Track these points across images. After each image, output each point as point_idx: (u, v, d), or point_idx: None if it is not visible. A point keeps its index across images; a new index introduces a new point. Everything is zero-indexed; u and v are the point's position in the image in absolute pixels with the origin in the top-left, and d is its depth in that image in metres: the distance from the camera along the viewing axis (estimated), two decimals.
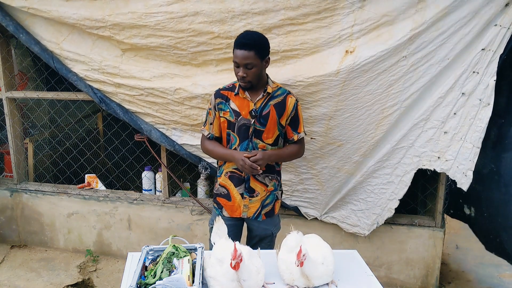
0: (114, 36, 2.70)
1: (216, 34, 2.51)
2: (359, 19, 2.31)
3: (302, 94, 2.49)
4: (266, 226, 2.33)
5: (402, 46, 2.33)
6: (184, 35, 2.56)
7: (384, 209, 2.80)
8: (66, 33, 2.88)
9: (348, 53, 2.36)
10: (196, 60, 2.66)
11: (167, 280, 1.51)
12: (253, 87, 2.13)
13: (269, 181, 2.27)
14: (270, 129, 2.18)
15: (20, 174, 3.61)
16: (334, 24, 2.35)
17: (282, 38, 2.44)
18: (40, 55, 2.99)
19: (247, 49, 2.01)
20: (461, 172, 2.52)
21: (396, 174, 2.70)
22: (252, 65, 2.04)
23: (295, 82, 2.47)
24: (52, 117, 3.99)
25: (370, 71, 2.39)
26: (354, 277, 1.81)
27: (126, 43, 2.73)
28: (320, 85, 2.43)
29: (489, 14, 2.24)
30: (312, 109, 2.55)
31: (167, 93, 2.76)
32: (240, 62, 2.04)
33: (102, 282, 3.21)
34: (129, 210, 3.41)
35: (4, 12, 2.94)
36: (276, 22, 2.41)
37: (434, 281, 3.03)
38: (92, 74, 2.93)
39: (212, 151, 2.27)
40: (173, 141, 3.01)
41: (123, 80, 2.86)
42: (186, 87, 2.71)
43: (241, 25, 2.45)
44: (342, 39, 2.37)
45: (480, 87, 2.38)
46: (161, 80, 2.78)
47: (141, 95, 2.86)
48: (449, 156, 2.54)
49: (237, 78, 2.11)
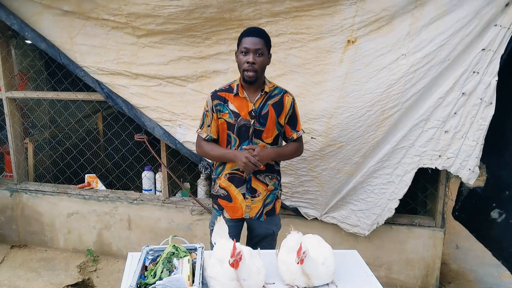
0: (131, 22, 2.74)
1: (228, 19, 2.59)
2: (360, 11, 2.38)
3: (309, 83, 2.56)
4: (267, 226, 2.33)
5: (401, 42, 2.37)
6: (198, 21, 2.63)
7: (384, 209, 2.80)
8: (79, 26, 2.92)
9: (350, 42, 2.44)
10: (210, 39, 2.71)
11: (167, 280, 1.51)
12: (255, 81, 2.11)
13: (269, 181, 2.27)
14: (269, 128, 2.17)
15: (20, 174, 3.61)
16: (337, 13, 2.43)
17: (289, 21, 2.53)
18: (47, 51, 3.02)
19: (257, 36, 2.06)
20: (467, 168, 2.54)
21: (396, 174, 2.70)
22: (261, 52, 2.06)
23: (304, 70, 2.54)
24: (52, 117, 3.99)
25: (370, 66, 2.43)
26: (354, 277, 1.81)
27: (142, 29, 2.77)
28: (325, 74, 2.52)
29: (490, 14, 2.25)
30: (315, 102, 2.58)
31: (188, 81, 2.83)
32: (250, 47, 2.04)
33: (102, 282, 3.21)
34: (129, 210, 3.41)
35: (8, 11, 2.96)
36: (282, 9, 2.49)
37: (434, 281, 3.04)
38: (105, 66, 2.96)
39: (210, 151, 2.25)
40: (175, 139, 3.02)
41: (140, 69, 2.89)
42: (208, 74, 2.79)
43: (250, 11, 2.53)
44: (344, 29, 2.44)
45: (480, 87, 2.38)
46: (178, 64, 2.84)
47: (160, 85, 2.90)
48: (451, 154, 2.56)
49: (243, 68, 2.08)
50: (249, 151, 2.10)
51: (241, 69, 2.10)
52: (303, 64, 2.57)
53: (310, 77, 2.57)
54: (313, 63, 2.55)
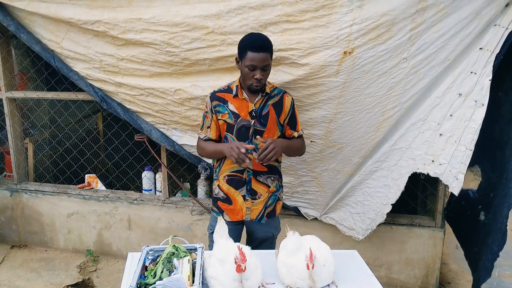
0: (109, 31, 2.66)
1: (211, 30, 2.46)
2: (358, 18, 2.24)
3: (302, 96, 2.47)
4: (267, 229, 2.33)
5: (402, 47, 2.29)
6: (179, 30, 2.51)
7: (378, 214, 2.76)
8: (64, 31, 2.86)
9: (347, 54, 2.31)
10: (189, 59, 2.60)
11: (167, 280, 1.51)
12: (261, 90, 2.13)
13: (271, 182, 2.26)
14: (270, 129, 2.17)
15: (20, 174, 3.61)
16: (332, 23, 2.28)
17: (278, 36, 2.38)
18: (41, 54, 2.98)
19: (265, 51, 2.01)
20: (453, 176, 2.47)
21: (392, 177, 2.67)
22: (269, 66, 2.06)
23: (295, 86, 2.44)
24: (52, 117, 3.98)
25: (370, 73, 2.36)
26: (354, 277, 1.81)
27: (120, 39, 2.69)
28: (320, 86, 2.40)
29: (490, 15, 2.23)
30: (312, 111, 2.52)
31: (167, 93, 2.75)
32: (258, 64, 2.01)
33: (102, 282, 3.21)
34: (129, 210, 3.41)
35: (5, 12, 2.94)
36: (272, 18, 2.35)
37: (434, 281, 3.04)
38: (93, 73, 2.93)
39: (205, 148, 2.25)
40: (173, 141, 3.01)
41: (124, 79, 2.85)
42: (186, 88, 2.70)
43: (236, 20, 2.40)
44: (340, 39, 2.28)
45: (476, 88, 2.34)
46: (160, 79, 2.77)
47: (142, 95, 2.85)
48: (443, 160, 2.49)
49: (250, 82, 2.07)
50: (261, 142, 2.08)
51: (247, 82, 2.09)
52: (294, 81, 2.42)
53: (302, 90, 2.45)
54: (305, 79, 2.39)
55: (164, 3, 2.54)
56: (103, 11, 2.65)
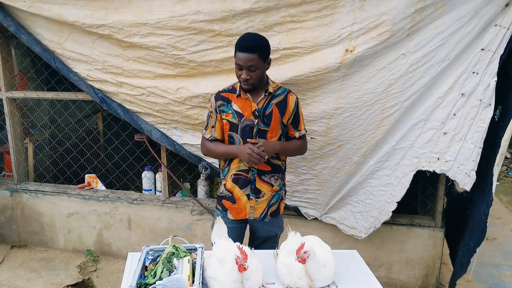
0: (114, 34, 2.69)
1: (217, 32, 2.52)
2: (358, 18, 2.33)
3: (304, 89, 2.53)
4: (270, 228, 2.33)
5: (401, 42, 2.36)
6: (185, 33, 2.56)
7: (382, 212, 2.77)
8: (68, 32, 2.87)
9: (348, 52, 2.39)
10: (195, 62, 2.64)
11: (167, 280, 1.51)
12: (255, 88, 2.14)
13: (274, 181, 2.27)
14: (274, 128, 2.18)
15: (20, 174, 3.61)
16: (334, 22, 2.37)
17: (283, 36, 2.46)
18: (42, 55, 2.99)
19: (250, 52, 2.01)
20: (463, 173, 2.50)
21: (395, 175, 2.69)
22: (256, 67, 2.04)
23: (296, 81, 2.50)
24: (52, 117, 3.98)
25: (369, 66, 2.41)
26: (354, 277, 1.81)
27: (126, 42, 2.72)
28: (320, 80, 2.48)
29: (489, 14, 2.24)
30: (313, 105, 2.57)
31: (168, 92, 2.77)
32: (243, 64, 2.03)
33: (102, 282, 3.21)
34: (129, 210, 3.41)
35: (5, 13, 2.94)
36: (277, 19, 2.43)
37: (434, 281, 3.04)
38: (94, 73, 2.94)
39: (214, 149, 2.26)
40: (173, 141, 3.01)
41: (126, 79, 2.86)
42: (188, 86, 2.72)
43: (242, 23, 2.47)
44: (342, 38, 2.39)
45: (479, 88, 2.37)
46: (163, 79, 2.79)
47: (143, 94, 2.85)
48: (449, 157, 2.53)
49: (240, 80, 2.11)
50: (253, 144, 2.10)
51: (239, 81, 2.12)
52: (295, 76, 2.49)
53: (303, 85, 2.52)
54: (307, 74, 2.47)
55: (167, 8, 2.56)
56: (107, 13, 2.67)
